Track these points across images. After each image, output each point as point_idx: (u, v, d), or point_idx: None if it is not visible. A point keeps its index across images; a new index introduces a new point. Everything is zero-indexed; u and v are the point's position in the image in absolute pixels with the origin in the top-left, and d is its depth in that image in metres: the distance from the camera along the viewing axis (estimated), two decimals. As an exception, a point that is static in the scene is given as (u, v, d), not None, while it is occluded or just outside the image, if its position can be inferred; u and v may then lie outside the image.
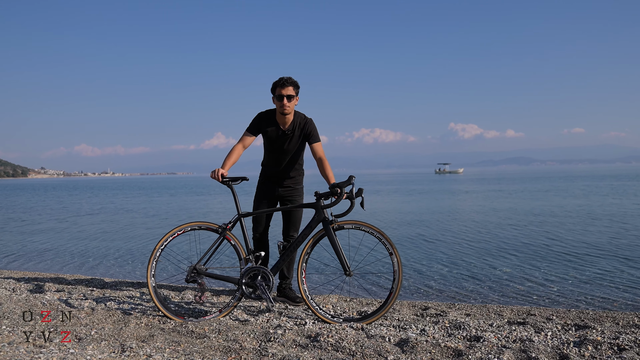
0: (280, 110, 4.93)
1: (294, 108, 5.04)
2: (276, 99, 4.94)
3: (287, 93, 4.87)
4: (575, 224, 14.25)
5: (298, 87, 4.98)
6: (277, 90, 4.90)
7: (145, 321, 4.52)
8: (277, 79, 4.92)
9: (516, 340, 3.95)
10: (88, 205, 30.27)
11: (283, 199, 5.31)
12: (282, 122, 5.05)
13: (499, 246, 10.67)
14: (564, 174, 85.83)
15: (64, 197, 43.18)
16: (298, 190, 5.37)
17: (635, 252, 9.48)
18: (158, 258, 4.71)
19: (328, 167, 4.93)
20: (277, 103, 4.95)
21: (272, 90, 4.98)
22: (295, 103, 4.99)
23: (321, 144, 5.15)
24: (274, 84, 4.94)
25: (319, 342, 3.82)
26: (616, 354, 3.54)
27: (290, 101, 4.92)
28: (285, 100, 4.88)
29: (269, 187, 5.28)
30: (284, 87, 4.87)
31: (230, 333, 4.11)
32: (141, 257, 10.32)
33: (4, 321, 4.43)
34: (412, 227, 14.56)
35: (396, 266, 4.47)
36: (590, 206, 20.15)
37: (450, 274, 7.97)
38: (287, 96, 4.87)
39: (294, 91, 4.93)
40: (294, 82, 4.94)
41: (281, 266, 4.72)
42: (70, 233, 15.27)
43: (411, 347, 3.69)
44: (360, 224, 4.57)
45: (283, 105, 4.89)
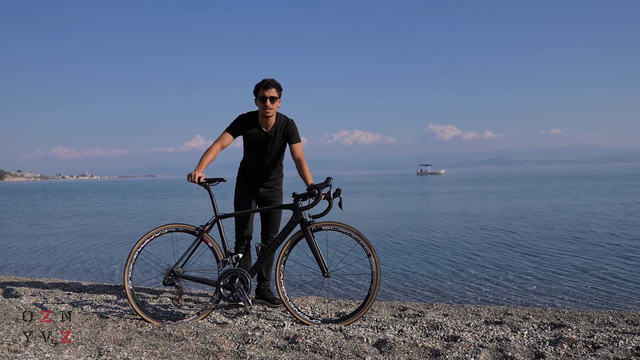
0: (263, 112, 4.89)
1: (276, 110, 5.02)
2: (259, 100, 4.90)
3: (270, 95, 4.84)
4: (550, 224, 14.41)
5: (281, 89, 4.96)
6: (259, 92, 4.87)
7: (122, 324, 4.48)
8: (260, 81, 4.89)
9: (493, 339, 3.98)
10: (62, 208, 29.90)
11: (264, 200, 5.26)
12: (264, 124, 5.01)
13: (477, 247, 10.76)
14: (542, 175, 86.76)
15: (38, 200, 42.60)
16: (279, 192, 5.35)
17: (608, 251, 9.62)
18: (135, 261, 4.67)
19: (306, 168, 4.92)
20: (260, 105, 4.91)
21: (255, 92, 4.95)
22: (277, 105, 4.96)
23: (301, 144, 5.13)
24: (257, 85, 4.91)
25: (297, 343, 3.82)
26: (591, 352, 3.59)
27: (273, 103, 4.88)
28: (268, 102, 4.84)
29: (251, 188, 5.22)
30: (267, 89, 4.84)
31: (208, 335, 4.09)
32: (118, 260, 10.23)
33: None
34: (390, 228, 14.62)
35: (374, 267, 4.48)
36: (563, 206, 20.40)
37: (429, 275, 8.02)
38: (270, 98, 4.84)
39: (277, 93, 4.90)
40: (277, 84, 4.92)
41: (259, 268, 4.70)
42: (40, 236, 15.07)
43: (389, 348, 3.71)
44: (338, 225, 4.57)
45: (266, 107, 4.85)
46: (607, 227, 13.34)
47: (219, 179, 4.79)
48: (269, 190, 5.25)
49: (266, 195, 5.25)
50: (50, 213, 25.71)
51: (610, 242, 10.86)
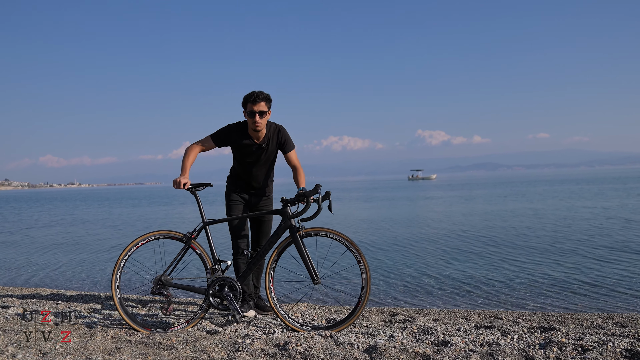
0: (253, 127, 4.74)
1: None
2: (248, 115, 4.72)
3: (259, 109, 4.66)
4: (538, 229, 14.50)
5: (270, 100, 4.79)
6: (248, 106, 4.69)
7: (111, 334, 4.44)
8: (249, 93, 4.71)
9: (483, 344, 3.99)
10: (48, 216, 29.66)
11: (255, 207, 5.13)
12: (255, 136, 4.86)
13: (467, 252, 10.79)
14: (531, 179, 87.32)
15: (24, 209, 42.25)
16: (270, 199, 5.25)
17: (596, 254, 9.68)
18: (122, 269, 4.62)
19: (302, 175, 4.85)
20: (249, 120, 4.73)
21: (243, 104, 4.76)
22: (267, 118, 4.80)
23: (295, 151, 5.04)
24: (245, 98, 4.72)
25: (288, 350, 3.80)
26: (580, 355, 3.61)
27: (263, 117, 4.71)
28: (257, 117, 4.67)
29: (242, 196, 5.10)
30: (256, 103, 4.66)
31: (198, 344, 4.06)
32: (105, 269, 10.15)
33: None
34: (380, 234, 14.63)
35: (364, 274, 4.47)
36: (551, 210, 20.54)
37: (419, 280, 8.02)
38: (259, 112, 4.67)
39: (266, 106, 4.72)
40: (266, 96, 4.73)
41: (248, 275, 4.67)
42: (26, 245, 14.95)
43: (379, 354, 3.70)
44: (328, 231, 4.55)
45: (255, 122, 4.69)
46: (594, 231, 13.44)
47: (205, 184, 4.77)
48: (259, 198, 5.14)
49: (258, 203, 5.13)
50: (35, 222, 25.49)
51: (598, 245, 10.93)
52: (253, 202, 5.13)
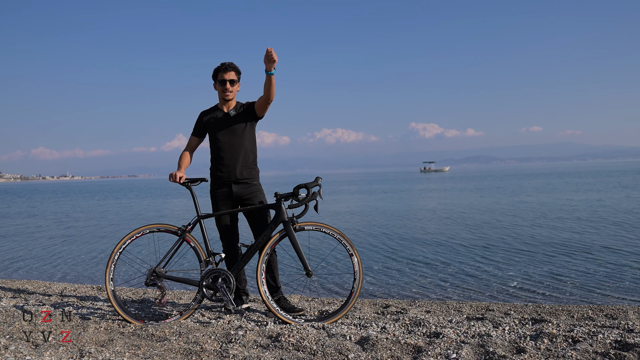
0: (223, 95, 4.82)
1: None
2: (218, 84, 4.83)
3: (230, 77, 4.78)
4: (528, 220, 14.56)
5: (240, 72, 4.91)
6: (219, 75, 4.81)
7: (104, 325, 4.45)
8: (219, 65, 4.82)
9: (475, 335, 4.02)
10: (43, 208, 29.60)
11: (241, 198, 4.90)
12: (225, 106, 4.91)
13: (458, 244, 10.83)
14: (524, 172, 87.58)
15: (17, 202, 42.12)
16: (255, 187, 4.95)
17: (587, 247, 9.74)
18: (116, 261, 4.63)
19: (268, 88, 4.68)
20: (219, 88, 4.84)
21: (214, 76, 4.87)
22: (237, 89, 4.89)
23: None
24: (216, 69, 4.84)
25: (280, 342, 3.82)
26: (571, 346, 3.64)
27: (233, 86, 4.82)
28: (228, 84, 4.77)
29: (222, 188, 4.90)
30: (226, 72, 4.78)
31: (191, 335, 4.07)
32: (100, 261, 10.15)
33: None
34: (371, 226, 14.66)
35: (356, 267, 4.50)
36: (544, 203, 20.62)
37: (411, 272, 8.06)
38: (229, 80, 4.78)
39: (236, 76, 4.84)
40: (236, 67, 4.86)
41: (242, 268, 4.68)
42: (19, 238, 14.92)
43: (372, 345, 3.72)
44: (320, 225, 4.57)
45: (225, 89, 4.78)
46: (585, 223, 13.50)
47: (200, 179, 4.78)
48: (243, 186, 4.89)
49: (242, 193, 4.88)
50: (31, 214, 25.43)
51: (590, 237, 11.00)
52: (236, 192, 4.88)
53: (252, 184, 4.95)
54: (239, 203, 4.95)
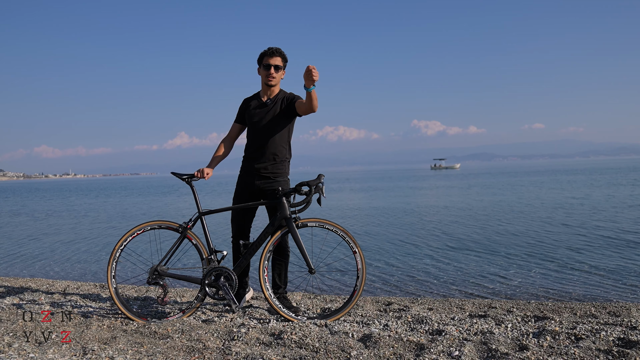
0: (266, 80, 4.71)
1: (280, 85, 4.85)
2: (263, 68, 4.71)
3: (275, 63, 4.66)
4: (533, 219, 14.53)
5: (286, 60, 4.79)
6: (264, 59, 4.69)
7: (107, 323, 4.45)
8: (266, 49, 4.71)
9: (477, 332, 4.01)
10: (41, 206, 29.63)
11: (263, 192, 4.80)
12: (266, 92, 4.81)
13: (461, 241, 10.83)
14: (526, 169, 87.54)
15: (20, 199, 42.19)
16: (279, 183, 4.81)
17: (589, 244, 9.73)
18: (118, 259, 4.62)
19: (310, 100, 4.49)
20: (263, 72, 4.71)
21: (259, 60, 4.75)
22: (282, 76, 4.77)
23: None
24: (262, 53, 4.73)
25: (283, 339, 3.82)
26: (573, 344, 3.63)
27: (277, 72, 4.70)
28: (273, 70, 4.66)
29: (246, 180, 4.84)
30: (272, 57, 4.67)
31: (194, 333, 4.07)
32: (101, 259, 10.16)
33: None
34: (375, 224, 14.66)
35: (360, 264, 4.49)
36: (547, 200, 20.59)
37: (414, 270, 8.06)
38: (274, 66, 4.66)
39: (282, 62, 4.72)
40: (283, 53, 4.73)
41: (244, 265, 4.66)
42: (20, 235, 14.94)
43: (374, 342, 3.72)
44: (324, 222, 4.55)
45: (269, 74, 4.67)
46: (589, 220, 13.48)
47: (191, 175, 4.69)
48: (266, 181, 4.78)
49: (264, 188, 4.79)
50: (32, 212, 25.47)
51: (593, 234, 10.98)
52: (257, 186, 4.79)
53: (275, 180, 4.82)
54: (261, 197, 4.85)
